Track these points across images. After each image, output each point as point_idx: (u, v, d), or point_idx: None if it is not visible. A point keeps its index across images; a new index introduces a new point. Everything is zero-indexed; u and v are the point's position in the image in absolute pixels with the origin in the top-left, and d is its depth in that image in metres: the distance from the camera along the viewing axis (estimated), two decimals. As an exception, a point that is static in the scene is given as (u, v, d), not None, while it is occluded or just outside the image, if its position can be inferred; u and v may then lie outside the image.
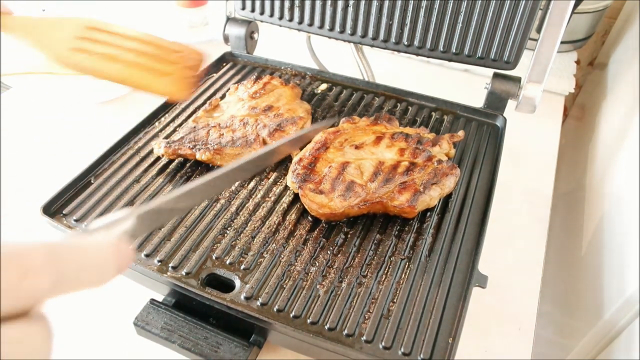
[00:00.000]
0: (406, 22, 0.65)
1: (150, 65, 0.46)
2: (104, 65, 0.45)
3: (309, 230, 0.50)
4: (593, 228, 0.69)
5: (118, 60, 0.45)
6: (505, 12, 0.59)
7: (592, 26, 0.94)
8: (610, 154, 0.73)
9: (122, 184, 0.55)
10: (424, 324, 0.42)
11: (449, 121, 0.66)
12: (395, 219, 0.51)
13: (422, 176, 0.52)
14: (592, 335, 0.56)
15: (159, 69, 0.46)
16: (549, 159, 0.75)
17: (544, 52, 0.57)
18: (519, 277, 0.57)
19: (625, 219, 0.58)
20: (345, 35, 0.69)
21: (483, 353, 0.50)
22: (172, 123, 0.64)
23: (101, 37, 0.46)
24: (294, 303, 0.43)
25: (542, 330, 0.69)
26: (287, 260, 0.47)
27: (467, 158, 0.59)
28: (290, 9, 0.70)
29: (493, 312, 0.54)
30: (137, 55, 0.46)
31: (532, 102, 0.61)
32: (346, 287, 0.44)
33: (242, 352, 0.43)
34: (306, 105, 0.64)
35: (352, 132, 0.58)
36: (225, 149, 0.55)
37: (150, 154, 0.59)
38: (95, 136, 0.75)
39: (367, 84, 0.72)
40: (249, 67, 0.75)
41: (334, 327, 0.41)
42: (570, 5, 0.54)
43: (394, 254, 0.48)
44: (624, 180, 0.62)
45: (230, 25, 0.76)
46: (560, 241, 0.82)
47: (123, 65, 0.45)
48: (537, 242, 0.62)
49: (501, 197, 0.61)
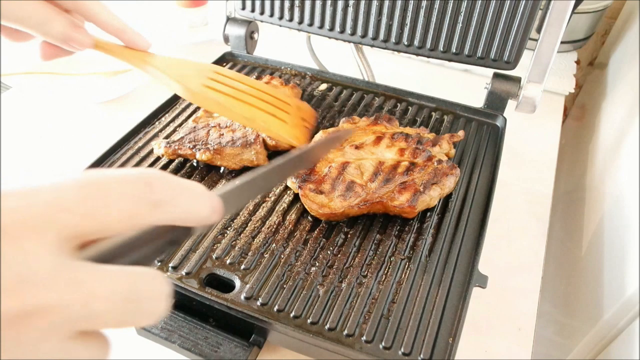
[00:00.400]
0: (406, 22, 0.65)
1: (271, 111, 0.49)
2: (233, 103, 0.48)
3: (309, 230, 0.50)
4: (593, 228, 0.69)
5: (244, 102, 0.49)
6: (505, 12, 0.59)
7: (592, 26, 0.94)
8: (610, 154, 0.73)
9: (122, 184, 0.55)
10: (424, 324, 0.42)
11: (449, 121, 0.66)
12: (395, 219, 0.51)
13: (422, 176, 0.52)
14: (592, 336, 0.56)
15: (279, 116, 0.50)
16: (549, 159, 0.75)
17: (544, 52, 0.57)
18: (519, 277, 0.57)
19: (625, 219, 0.58)
20: (345, 35, 0.69)
21: (483, 353, 0.50)
22: (172, 123, 0.64)
23: (227, 81, 0.50)
24: (294, 303, 0.43)
25: (542, 330, 0.69)
26: (287, 260, 0.47)
27: (467, 158, 0.59)
28: (290, 9, 0.70)
29: (493, 312, 0.54)
30: (259, 100, 0.50)
31: (532, 102, 0.61)
32: (346, 287, 0.44)
33: (242, 352, 0.43)
34: (306, 106, 0.64)
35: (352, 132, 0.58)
36: (225, 149, 0.55)
37: (150, 154, 0.59)
38: (95, 136, 0.75)
39: (367, 84, 0.72)
40: (249, 67, 0.75)
41: (334, 327, 0.41)
42: (570, 5, 0.54)
43: (394, 254, 0.48)
44: (624, 180, 0.62)
45: (230, 25, 0.76)
46: (560, 241, 0.82)
47: (248, 106, 0.48)
48: (537, 242, 0.62)
49: (501, 197, 0.61)
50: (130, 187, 0.22)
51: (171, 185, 0.23)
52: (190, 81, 0.47)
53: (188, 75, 0.47)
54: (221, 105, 0.47)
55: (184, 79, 0.47)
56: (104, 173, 0.22)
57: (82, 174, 0.22)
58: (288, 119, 0.50)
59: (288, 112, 0.51)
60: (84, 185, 0.21)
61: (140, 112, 0.64)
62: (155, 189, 0.23)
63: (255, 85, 0.51)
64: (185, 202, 0.24)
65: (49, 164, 0.70)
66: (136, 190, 0.22)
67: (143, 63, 0.45)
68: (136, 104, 0.82)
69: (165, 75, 0.46)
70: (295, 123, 0.51)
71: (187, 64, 0.49)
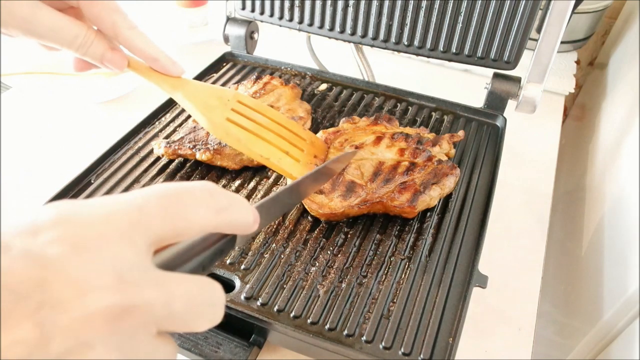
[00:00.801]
0: (406, 22, 0.65)
1: (287, 149, 0.51)
2: (253, 140, 0.50)
3: (309, 230, 0.50)
4: (593, 228, 0.69)
5: (263, 139, 0.50)
6: (505, 12, 0.59)
7: (592, 26, 0.94)
8: (610, 153, 0.73)
9: (122, 184, 0.55)
10: (424, 324, 0.42)
11: (449, 121, 0.66)
12: (395, 219, 0.51)
13: (422, 176, 0.52)
14: (592, 336, 0.56)
15: (293, 154, 0.51)
16: (549, 159, 0.75)
17: (544, 52, 0.57)
18: (519, 277, 0.57)
19: (625, 219, 0.58)
20: (345, 35, 0.69)
21: (483, 353, 0.50)
22: (172, 123, 0.64)
23: (248, 113, 0.51)
24: (294, 303, 0.43)
25: (542, 330, 0.69)
26: (287, 260, 0.47)
27: (467, 158, 0.59)
28: (290, 9, 0.70)
29: (493, 312, 0.54)
30: (277, 136, 0.52)
31: (532, 102, 0.61)
32: (346, 287, 0.44)
33: (242, 352, 0.43)
34: (306, 105, 0.64)
35: (352, 132, 0.58)
36: (225, 149, 0.55)
37: (150, 154, 0.59)
38: (95, 136, 0.75)
39: (367, 84, 0.72)
40: (249, 67, 0.75)
41: (334, 327, 0.41)
42: (570, 5, 0.54)
43: (394, 254, 0.48)
44: (624, 180, 0.62)
45: (230, 25, 0.76)
46: (560, 241, 0.82)
47: (266, 144, 0.50)
48: (537, 242, 0.62)
49: (501, 197, 0.61)
50: (198, 195, 0.25)
51: (226, 194, 0.27)
52: (215, 114, 0.48)
53: (213, 106, 0.49)
54: (241, 143, 0.49)
55: (209, 110, 0.48)
56: (175, 185, 0.25)
57: (156, 186, 0.25)
58: (301, 157, 0.52)
59: (302, 149, 0.53)
60: (163, 195, 0.24)
61: (140, 112, 0.64)
62: (217, 197, 0.26)
63: (274, 117, 0.53)
64: (238, 209, 0.27)
65: (49, 164, 0.70)
66: (203, 198, 0.25)
67: (172, 89, 0.47)
68: (136, 104, 0.82)
69: (192, 104, 0.47)
70: (307, 161, 0.52)
71: (213, 92, 0.50)
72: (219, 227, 0.26)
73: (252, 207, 0.29)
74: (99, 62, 0.42)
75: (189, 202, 0.25)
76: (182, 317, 0.22)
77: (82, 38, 0.39)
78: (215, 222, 0.26)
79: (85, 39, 0.40)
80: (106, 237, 0.21)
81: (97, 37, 0.40)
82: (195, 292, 0.23)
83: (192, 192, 0.25)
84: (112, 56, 0.42)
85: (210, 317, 0.24)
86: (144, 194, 0.24)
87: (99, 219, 0.22)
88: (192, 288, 0.23)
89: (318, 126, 0.64)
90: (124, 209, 0.22)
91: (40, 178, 0.68)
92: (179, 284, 0.23)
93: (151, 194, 0.24)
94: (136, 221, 0.22)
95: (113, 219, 0.22)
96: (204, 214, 0.25)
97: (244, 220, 0.28)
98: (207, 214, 0.25)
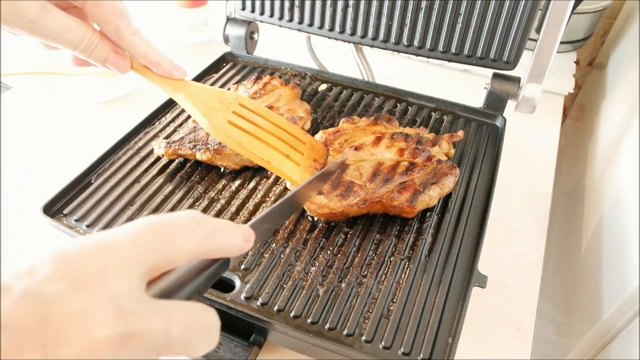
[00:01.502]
0: (406, 23, 0.65)
1: (287, 151, 0.52)
2: (254, 143, 0.50)
3: (308, 230, 0.50)
4: (593, 228, 0.69)
5: (263, 141, 0.50)
6: (505, 12, 0.59)
7: (592, 26, 0.94)
8: (609, 154, 0.73)
9: (123, 184, 0.55)
10: (424, 323, 0.42)
11: (448, 121, 0.66)
12: (395, 219, 0.51)
13: (421, 176, 0.52)
14: (591, 335, 0.56)
15: (293, 157, 0.52)
16: (548, 159, 0.76)
17: (544, 52, 0.57)
18: (519, 277, 0.57)
19: (625, 219, 0.58)
20: (345, 35, 0.69)
21: (483, 353, 0.51)
22: (172, 123, 0.64)
23: (250, 116, 0.51)
24: (294, 303, 0.43)
25: (541, 330, 0.69)
26: (287, 260, 0.47)
27: (466, 158, 0.59)
28: (290, 9, 0.70)
29: (493, 312, 0.54)
30: (277, 140, 0.52)
31: (532, 102, 0.61)
32: (346, 287, 0.45)
33: (242, 352, 0.43)
34: (306, 106, 0.65)
35: (352, 132, 0.58)
36: (225, 149, 0.55)
37: (150, 154, 0.59)
38: (95, 136, 0.75)
39: (367, 84, 0.72)
40: (249, 68, 0.75)
41: (334, 327, 0.41)
42: (570, 6, 0.54)
43: (393, 254, 0.48)
44: (624, 180, 0.62)
45: (230, 25, 0.76)
46: (560, 241, 0.82)
47: (267, 147, 0.50)
48: (537, 242, 0.62)
49: (501, 197, 0.61)
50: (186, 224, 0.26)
51: (212, 221, 0.28)
52: (216, 116, 0.48)
53: (214, 109, 0.49)
54: (242, 146, 0.49)
55: (210, 112, 0.48)
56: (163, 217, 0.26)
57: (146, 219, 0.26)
58: (301, 160, 0.52)
59: (302, 153, 0.53)
60: (153, 226, 0.25)
61: (140, 112, 0.64)
62: (203, 224, 0.27)
63: (275, 121, 0.53)
64: (226, 233, 0.29)
65: (49, 164, 0.70)
66: (190, 226, 0.27)
67: (174, 91, 0.47)
68: (136, 104, 0.82)
69: (193, 107, 0.47)
70: (307, 165, 0.52)
71: (214, 94, 0.50)
72: (208, 252, 0.28)
73: (242, 228, 0.30)
74: (102, 64, 0.42)
75: (178, 230, 0.26)
76: (181, 342, 0.23)
77: (87, 41, 0.40)
78: (204, 248, 0.27)
79: (90, 42, 0.40)
80: (103, 271, 0.22)
81: (101, 40, 0.41)
82: (192, 318, 0.24)
83: (180, 221, 0.26)
84: (116, 59, 0.42)
85: (207, 342, 0.25)
86: (135, 227, 0.25)
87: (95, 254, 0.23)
88: (189, 315, 0.24)
89: (318, 126, 0.64)
90: (118, 242, 0.24)
91: (40, 178, 0.68)
92: (177, 311, 0.24)
93: (142, 226, 0.25)
94: (130, 253, 0.23)
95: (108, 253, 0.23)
96: (191, 240, 0.26)
97: (233, 243, 0.29)
98: (195, 240, 0.26)
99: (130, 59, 0.44)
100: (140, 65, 0.45)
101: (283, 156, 0.51)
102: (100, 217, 0.51)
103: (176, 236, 0.26)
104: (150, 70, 0.45)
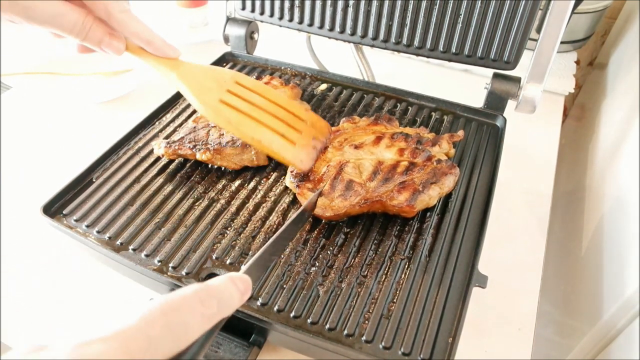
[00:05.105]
0: (406, 22, 0.65)
1: (283, 131, 0.49)
2: (247, 123, 0.47)
3: (309, 230, 0.50)
4: (593, 228, 0.69)
5: (257, 121, 0.48)
6: (505, 12, 0.59)
7: (592, 26, 0.94)
8: (610, 154, 0.73)
9: (123, 184, 0.55)
10: (424, 324, 0.42)
11: (448, 121, 0.66)
12: (395, 219, 0.51)
13: (421, 176, 0.52)
14: (591, 336, 0.56)
15: (289, 136, 0.49)
16: (549, 159, 0.75)
17: (544, 52, 0.57)
18: (519, 277, 0.57)
19: (625, 219, 0.58)
20: (345, 35, 0.69)
21: (483, 353, 0.50)
22: (172, 123, 0.64)
23: (245, 94, 0.49)
24: (294, 303, 0.43)
25: (542, 330, 0.69)
26: (287, 260, 0.47)
27: (467, 158, 0.59)
28: (290, 9, 0.70)
29: (493, 312, 0.54)
30: (273, 118, 0.49)
31: (532, 102, 0.61)
32: (346, 287, 0.44)
33: (242, 352, 0.43)
34: (306, 106, 0.65)
35: (352, 131, 0.58)
36: (225, 149, 0.55)
37: (150, 154, 0.59)
38: (95, 136, 0.75)
39: (367, 84, 0.72)
40: (249, 68, 0.75)
41: (334, 327, 0.41)
42: (570, 5, 0.54)
43: (394, 254, 0.48)
44: (624, 180, 0.62)
45: (230, 25, 0.76)
46: (560, 241, 0.82)
47: (260, 126, 0.48)
48: (537, 242, 0.62)
49: (501, 197, 0.61)
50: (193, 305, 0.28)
51: (214, 293, 0.29)
52: (207, 95, 0.47)
53: (207, 88, 0.47)
54: (231, 124, 0.47)
55: (202, 91, 0.47)
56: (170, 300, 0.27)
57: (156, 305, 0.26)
58: (298, 139, 0.50)
59: (300, 131, 0.51)
60: (164, 314, 0.26)
61: (140, 112, 0.64)
62: (207, 304, 0.28)
63: (273, 98, 0.51)
64: (227, 302, 0.30)
65: (49, 164, 0.70)
66: (196, 308, 0.28)
67: (169, 70, 0.46)
68: (136, 104, 0.82)
69: (185, 86, 0.46)
70: (304, 143, 0.50)
71: (209, 73, 0.48)
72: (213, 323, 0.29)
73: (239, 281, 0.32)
74: (97, 47, 0.43)
75: (186, 315, 0.27)
76: None
77: (81, 24, 0.41)
78: (209, 325, 0.29)
79: (84, 25, 0.41)
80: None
81: (95, 23, 0.42)
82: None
83: (187, 303, 0.27)
84: (110, 41, 0.43)
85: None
86: (147, 317, 0.25)
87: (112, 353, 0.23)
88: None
89: (318, 126, 0.64)
90: (133, 337, 0.24)
91: (40, 178, 0.68)
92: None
93: (153, 315, 0.26)
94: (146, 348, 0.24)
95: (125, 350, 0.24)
96: (199, 323, 0.28)
97: (232, 305, 0.31)
98: (202, 322, 0.28)
99: (124, 41, 0.44)
100: (135, 46, 0.45)
101: (276, 135, 0.48)
102: (100, 217, 0.51)
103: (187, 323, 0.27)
104: (144, 51, 0.45)
